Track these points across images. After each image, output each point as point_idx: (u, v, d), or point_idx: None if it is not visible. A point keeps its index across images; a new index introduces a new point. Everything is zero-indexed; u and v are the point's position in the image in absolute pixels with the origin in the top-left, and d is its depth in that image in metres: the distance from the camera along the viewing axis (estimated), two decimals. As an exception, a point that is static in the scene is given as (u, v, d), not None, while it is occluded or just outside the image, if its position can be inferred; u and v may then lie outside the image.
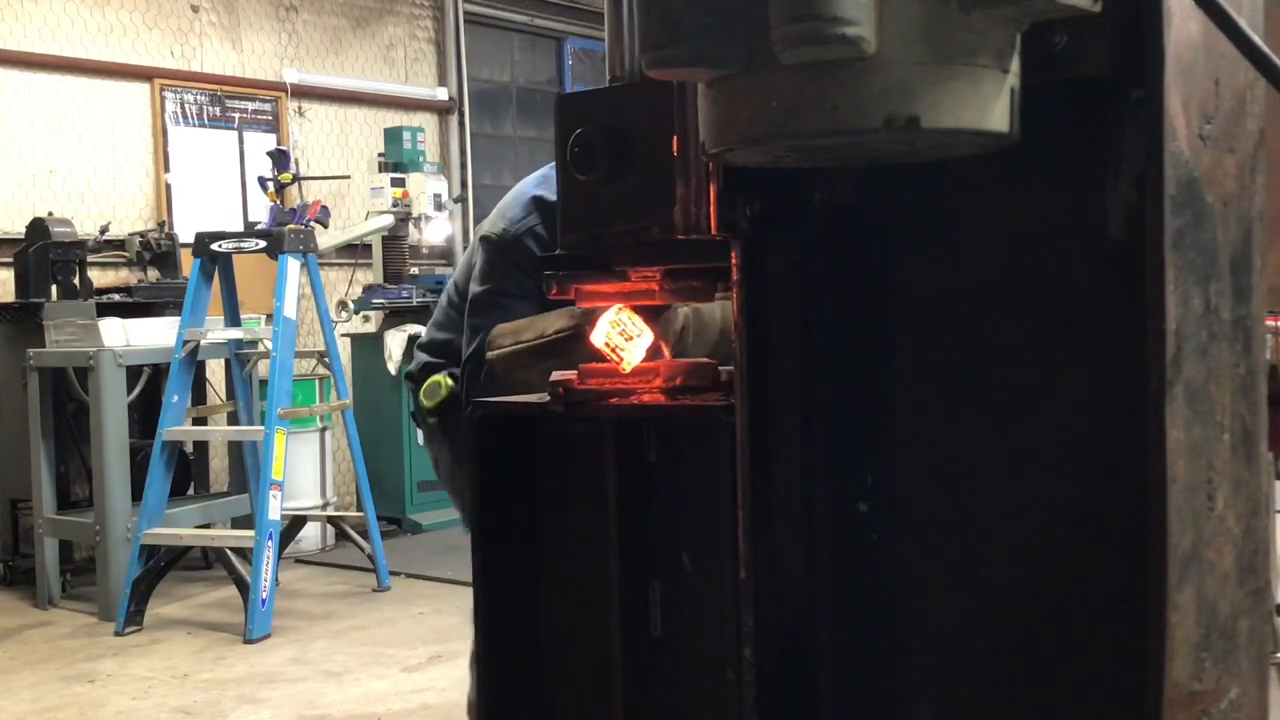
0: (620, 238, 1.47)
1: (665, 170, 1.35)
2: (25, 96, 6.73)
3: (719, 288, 1.47)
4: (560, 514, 1.64)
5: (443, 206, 7.81)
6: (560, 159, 1.49)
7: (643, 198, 1.42)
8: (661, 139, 1.34)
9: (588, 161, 1.45)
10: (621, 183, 1.44)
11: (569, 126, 1.47)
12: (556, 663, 1.65)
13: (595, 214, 1.49)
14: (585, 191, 1.47)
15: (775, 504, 1.29)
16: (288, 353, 5.50)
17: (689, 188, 1.32)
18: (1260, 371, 1.18)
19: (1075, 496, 1.16)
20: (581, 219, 1.51)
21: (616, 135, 1.44)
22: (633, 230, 1.45)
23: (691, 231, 1.35)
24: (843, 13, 0.86)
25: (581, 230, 1.52)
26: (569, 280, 1.57)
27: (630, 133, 1.43)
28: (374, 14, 8.48)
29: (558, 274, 1.57)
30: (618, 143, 1.44)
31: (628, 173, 1.44)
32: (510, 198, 2.70)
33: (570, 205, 1.52)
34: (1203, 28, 1.05)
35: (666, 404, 1.53)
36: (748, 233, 1.23)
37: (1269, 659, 1.29)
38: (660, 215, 1.39)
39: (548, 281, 1.58)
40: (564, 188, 1.51)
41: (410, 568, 6.35)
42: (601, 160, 1.44)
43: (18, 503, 6.18)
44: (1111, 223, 1.10)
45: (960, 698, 1.25)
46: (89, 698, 4.54)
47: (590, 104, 1.51)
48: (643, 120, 1.42)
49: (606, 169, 1.44)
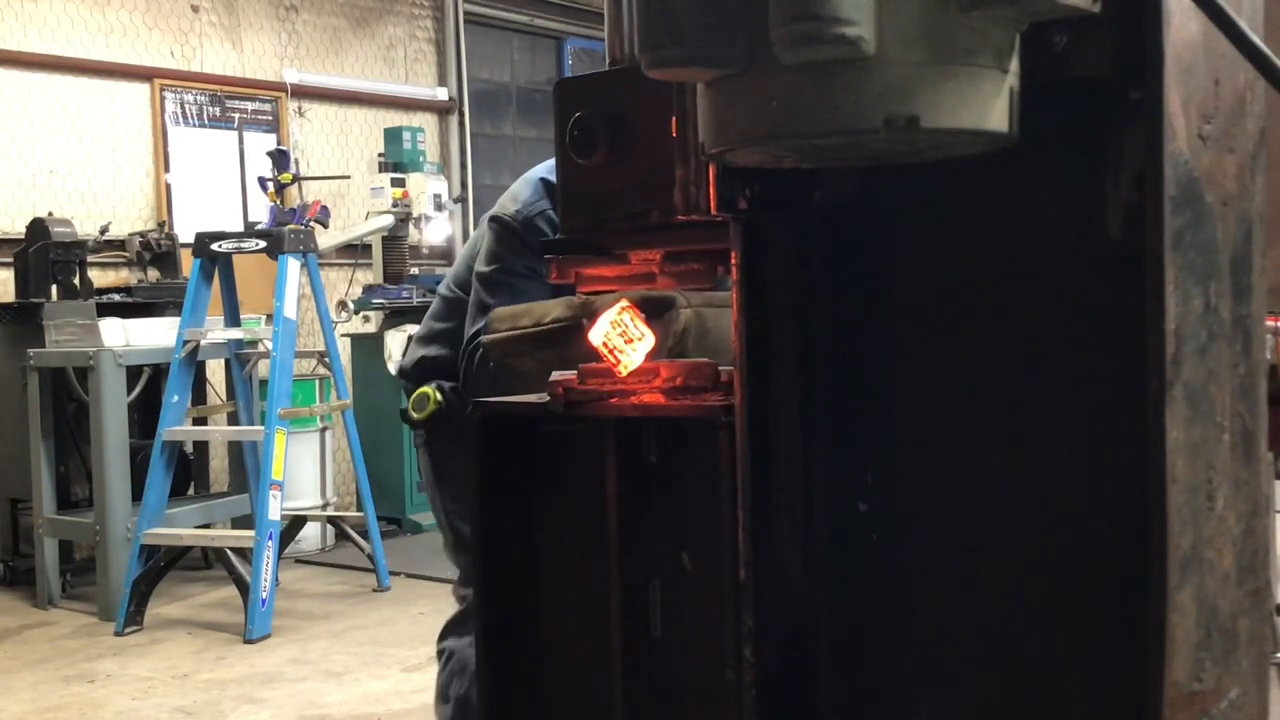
0: (620, 221, 1.47)
1: (665, 153, 1.35)
2: (25, 96, 6.73)
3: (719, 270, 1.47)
4: (560, 514, 1.63)
5: (443, 206, 7.81)
6: (560, 143, 1.49)
7: (642, 181, 1.42)
8: (661, 122, 1.33)
9: (587, 145, 1.44)
10: (621, 166, 1.44)
11: (568, 111, 1.47)
12: (556, 662, 1.65)
13: (595, 198, 1.48)
14: (585, 176, 1.47)
15: (775, 504, 1.29)
16: (288, 353, 5.50)
17: (688, 170, 1.32)
18: (1260, 371, 1.18)
19: (1075, 496, 1.16)
20: (581, 203, 1.51)
21: (615, 119, 1.44)
22: (632, 214, 1.45)
23: (691, 213, 1.34)
24: (843, 13, 0.86)
25: (582, 215, 1.52)
26: (569, 264, 1.57)
27: (629, 116, 1.42)
28: (374, 14, 8.48)
29: (558, 258, 1.57)
30: (617, 126, 1.44)
31: (627, 156, 1.44)
32: (520, 183, 2.70)
33: (570, 190, 1.52)
34: (1203, 28, 1.05)
35: (666, 404, 1.53)
36: (747, 213, 1.22)
37: (1269, 659, 1.28)
38: (660, 198, 1.39)
39: (548, 266, 1.58)
40: (564, 173, 1.51)
41: (410, 568, 6.35)
42: (601, 144, 1.44)
43: (18, 503, 6.18)
44: (1111, 223, 1.10)
45: (960, 698, 1.25)
46: (89, 698, 4.54)
47: (589, 88, 1.51)
48: (642, 104, 1.42)
49: (606, 153, 1.44)
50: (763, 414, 1.28)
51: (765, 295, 1.28)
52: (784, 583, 1.29)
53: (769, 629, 1.28)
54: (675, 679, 1.54)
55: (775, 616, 1.28)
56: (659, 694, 1.54)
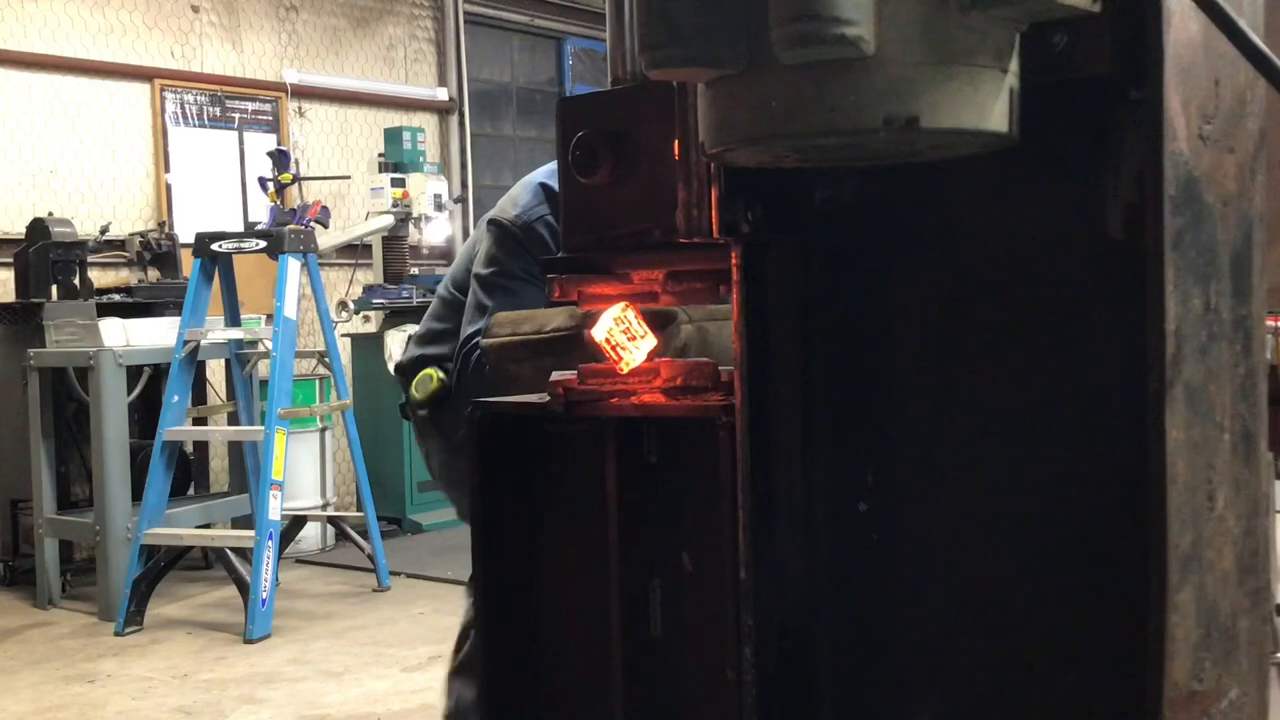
0: (622, 240, 1.48)
1: (667, 173, 1.36)
2: (25, 96, 6.73)
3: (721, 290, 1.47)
4: (560, 514, 1.64)
5: (443, 207, 7.81)
6: (562, 162, 1.50)
7: (644, 200, 1.43)
8: (663, 142, 1.34)
9: (589, 164, 1.45)
10: (623, 185, 1.45)
11: (571, 129, 1.47)
12: (556, 662, 1.65)
13: (597, 217, 1.49)
14: (587, 194, 1.48)
15: (775, 504, 1.29)
16: (288, 353, 5.50)
17: (690, 191, 1.33)
18: (1260, 371, 1.18)
19: (1075, 496, 1.16)
20: (584, 222, 1.52)
21: (618, 138, 1.44)
22: (635, 233, 1.46)
23: (693, 234, 1.35)
24: (842, 13, 0.87)
25: (584, 233, 1.52)
26: (571, 283, 1.58)
27: (632, 135, 1.43)
28: (374, 14, 8.48)
29: (560, 276, 1.58)
30: (619, 145, 1.44)
31: (630, 176, 1.44)
32: (519, 187, 2.72)
33: (572, 208, 1.52)
34: (1203, 28, 1.05)
35: (666, 404, 1.53)
36: (749, 236, 1.23)
37: (1269, 659, 1.29)
38: (662, 217, 1.39)
39: (550, 285, 1.59)
40: (566, 191, 1.51)
41: (410, 568, 6.35)
42: (603, 163, 1.44)
43: (18, 503, 6.18)
44: (1111, 223, 1.10)
45: (960, 697, 1.25)
46: (89, 698, 4.54)
47: (592, 107, 1.52)
48: (644, 123, 1.42)
49: (609, 172, 1.44)
50: (763, 414, 1.28)
51: (766, 295, 1.28)
52: (784, 583, 1.29)
53: (769, 629, 1.28)
54: (675, 679, 1.54)
55: (775, 616, 1.28)
56: (659, 694, 1.54)
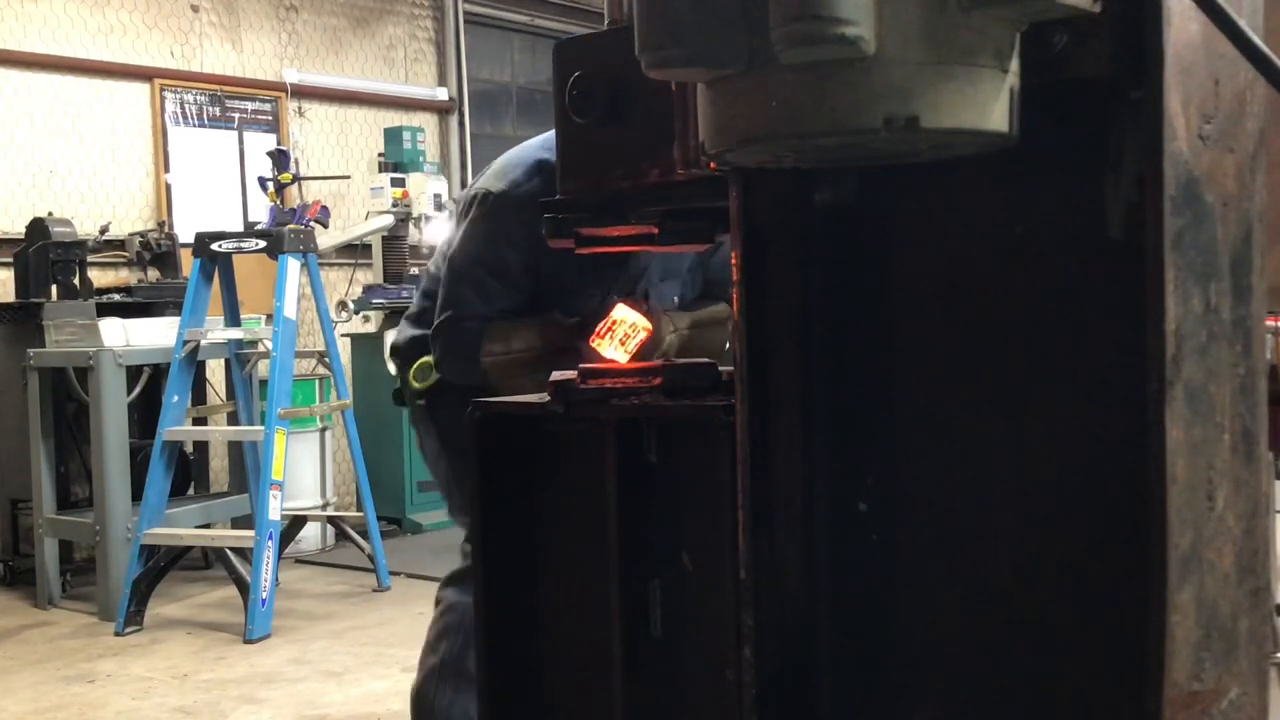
0: (619, 181, 1.47)
1: (663, 114, 1.35)
2: (25, 96, 6.73)
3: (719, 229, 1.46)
4: (560, 514, 1.64)
5: (443, 207, 7.80)
6: (559, 105, 1.49)
7: (641, 140, 1.42)
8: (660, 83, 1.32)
9: (586, 104, 1.44)
10: (620, 126, 1.44)
11: (567, 71, 1.47)
12: (556, 662, 1.65)
13: (594, 160, 1.49)
14: (584, 138, 1.47)
15: (775, 504, 1.29)
16: (288, 353, 5.49)
17: (687, 125, 1.32)
18: (1260, 371, 1.18)
19: (1075, 496, 1.16)
20: (581, 165, 1.51)
21: (614, 78, 1.43)
22: (632, 174, 1.45)
23: (691, 168, 1.34)
24: (842, 13, 0.87)
25: (580, 174, 1.51)
26: (568, 223, 1.56)
27: (628, 76, 1.42)
28: (374, 14, 8.48)
29: (557, 216, 1.56)
30: (616, 85, 1.44)
31: (626, 115, 1.44)
32: (513, 157, 2.56)
33: (569, 152, 1.51)
34: (1203, 28, 1.05)
35: (666, 404, 1.53)
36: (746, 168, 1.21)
37: (1269, 659, 1.29)
38: (659, 157, 1.39)
39: (548, 225, 1.56)
40: (563, 135, 1.51)
41: (410, 568, 6.35)
42: (599, 102, 1.44)
43: (18, 503, 6.17)
44: (1111, 223, 1.10)
45: (960, 697, 1.25)
46: (89, 698, 4.54)
47: (588, 48, 1.51)
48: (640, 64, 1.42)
49: (605, 111, 1.44)
50: (763, 414, 1.28)
51: (766, 296, 1.28)
52: (784, 583, 1.29)
53: (769, 629, 1.28)
54: (675, 679, 1.54)
55: (775, 616, 1.28)
56: (659, 694, 1.54)
